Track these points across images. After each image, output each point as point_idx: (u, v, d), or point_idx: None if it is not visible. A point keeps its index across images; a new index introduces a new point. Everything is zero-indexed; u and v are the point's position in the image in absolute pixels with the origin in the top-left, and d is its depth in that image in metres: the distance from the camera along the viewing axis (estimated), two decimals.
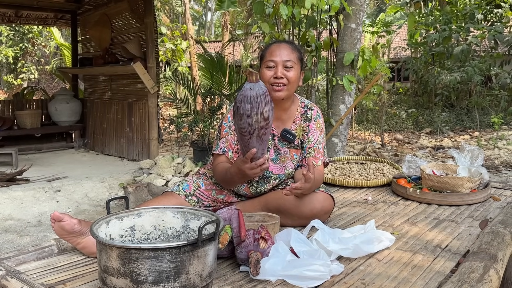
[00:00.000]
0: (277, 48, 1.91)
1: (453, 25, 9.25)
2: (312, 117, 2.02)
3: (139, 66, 5.29)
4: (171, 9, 19.86)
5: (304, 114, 2.02)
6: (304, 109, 2.03)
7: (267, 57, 1.92)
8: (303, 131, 2.01)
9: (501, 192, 2.51)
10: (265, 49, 1.97)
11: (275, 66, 1.89)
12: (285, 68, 1.88)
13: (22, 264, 1.54)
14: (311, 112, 2.02)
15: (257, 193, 2.02)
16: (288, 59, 1.88)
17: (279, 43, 1.97)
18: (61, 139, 7.15)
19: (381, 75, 5.79)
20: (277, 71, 1.87)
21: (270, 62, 1.89)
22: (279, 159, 1.99)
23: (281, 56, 1.88)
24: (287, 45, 1.94)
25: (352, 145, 7.35)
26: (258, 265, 1.39)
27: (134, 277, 1.16)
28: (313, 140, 2.00)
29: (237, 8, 11.60)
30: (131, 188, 4.09)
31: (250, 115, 1.50)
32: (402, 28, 14.30)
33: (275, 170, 1.97)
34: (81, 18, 7.19)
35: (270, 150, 1.98)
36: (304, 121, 2.01)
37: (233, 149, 1.95)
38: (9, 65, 16.33)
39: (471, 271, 1.35)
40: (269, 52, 1.92)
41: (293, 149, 2.00)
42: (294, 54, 1.91)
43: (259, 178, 1.96)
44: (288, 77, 1.88)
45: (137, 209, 1.49)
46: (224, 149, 1.94)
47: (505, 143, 7.16)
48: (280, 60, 1.88)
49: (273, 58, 1.89)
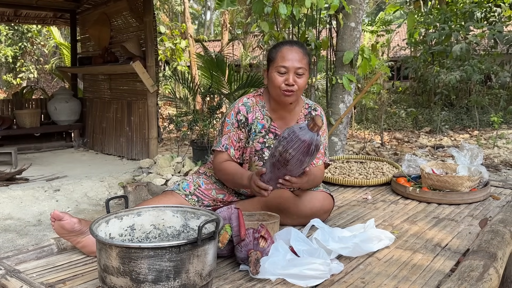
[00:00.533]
0: (289, 52, 1.86)
1: (453, 24, 9.25)
2: None
3: (138, 65, 5.28)
4: (170, 8, 19.85)
5: (308, 115, 2.01)
6: (308, 110, 2.03)
7: (278, 61, 1.87)
8: None
9: (501, 191, 2.51)
10: (276, 51, 1.91)
11: (287, 72, 1.85)
12: (297, 75, 1.86)
13: (22, 263, 1.54)
14: (315, 113, 2.02)
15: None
16: (300, 66, 1.85)
17: (290, 45, 1.89)
18: (61, 138, 7.14)
19: (380, 74, 5.79)
20: (289, 78, 1.84)
21: (282, 68, 1.85)
22: None
23: (293, 62, 1.84)
24: (299, 49, 1.88)
25: (352, 144, 7.35)
26: (258, 264, 1.39)
27: (134, 276, 1.16)
28: None
29: (237, 7, 11.61)
30: (130, 188, 4.09)
31: (289, 153, 1.56)
32: (402, 27, 14.31)
33: None
34: (80, 17, 7.18)
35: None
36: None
37: (235, 147, 1.94)
38: (8, 64, 16.31)
39: (471, 270, 1.35)
40: (281, 55, 1.87)
41: None
42: (305, 59, 1.88)
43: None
44: (298, 84, 1.86)
45: (137, 208, 1.48)
46: (226, 146, 1.93)
47: (504, 142, 7.17)
48: (293, 66, 1.84)
49: (285, 64, 1.85)
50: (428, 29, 10.27)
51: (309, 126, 1.55)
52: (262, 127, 1.95)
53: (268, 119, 1.97)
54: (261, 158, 1.95)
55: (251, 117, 1.95)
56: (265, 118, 1.96)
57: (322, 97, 9.61)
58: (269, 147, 1.95)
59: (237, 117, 1.94)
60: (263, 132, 1.95)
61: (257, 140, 1.95)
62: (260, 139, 1.95)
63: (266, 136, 1.95)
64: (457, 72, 8.61)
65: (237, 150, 1.94)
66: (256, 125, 1.95)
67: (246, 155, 1.97)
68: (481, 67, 8.74)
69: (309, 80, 4.73)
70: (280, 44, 1.93)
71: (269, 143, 1.95)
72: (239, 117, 1.94)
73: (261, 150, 1.95)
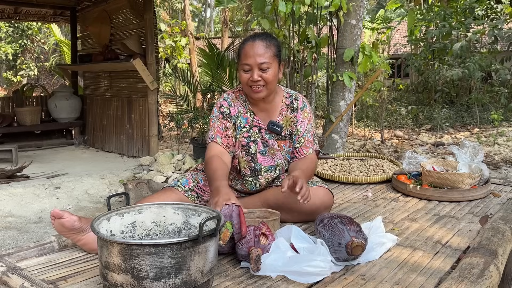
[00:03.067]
0: (250, 48, 1.86)
1: (453, 21, 9.23)
2: (298, 107, 2.03)
3: (138, 63, 5.28)
4: (170, 5, 19.82)
5: (290, 104, 2.03)
6: (290, 100, 2.04)
7: (242, 58, 1.88)
8: (290, 122, 2.02)
9: (501, 188, 2.51)
10: (240, 48, 1.92)
11: (250, 69, 1.86)
12: (261, 70, 1.86)
13: (23, 260, 1.54)
14: (297, 102, 2.04)
15: (253, 188, 2.04)
16: (262, 61, 1.84)
17: (253, 41, 1.88)
18: (61, 136, 7.14)
19: (381, 71, 5.79)
20: (253, 74, 1.85)
21: (246, 65, 1.87)
22: (268, 151, 2.01)
23: (255, 58, 1.84)
24: (261, 42, 1.87)
25: (352, 141, 7.35)
26: (258, 261, 1.39)
27: (135, 273, 1.16)
28: (302, 129, 2.02)
29: (237, 4, 11.58)
30: (131, 185, 4.10)
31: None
32: (402, 24, 14.27)
33: (264, 162, 2.00)
34: (81, 14, 7.17)
35: (258, 143, 1.99)
36: (291, 111, 2.02)
37: (222, 135, 1.97)
38: (8, 62, 16.31)
39: (472, 267, 1.36)
40: (244, 53, 1.88)
41: (281, 141, 2.01)
42: (269, 51, 1.86)
43: (251, 172, 2.00)
44: (265, 78, 1.86)
45: (138, 206, 1.49)
46: (212, 136, 1.97)
47: (505, 140, 7.17)
48: (255, 63, 1.84)
49: (247, 61, 1.86)
50: (429, 26, 10.25)
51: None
52: (246, 122, 1.99)
53: (250, 112, 2.00)
54: (248, 152, 1.98)
55: (233, 110, 1.99)
56: (248, 112, 2.00)
57: (322, 94, 9.60)
58: (255, 141, 1.98)
59: (220, 110, 2.00)
60: (247, 127, 1.99)
61: (242, 135, 1.99)
62: (245, 134, 1.99)
63: (251, 130, 1.99)
64: (458, 69, 8.59)
65: (225, 138, 1.96)
66: (239, 119, 1.99)
67: (237, 150, 2.00)
68: (481, 64, 8.72)
69: (310, 77, 4.73)
70: (244, 40, 1.94)
71: (254, 137, 1.99)
72: (223, 110, 1.99)
73: (247, 144, 1.98)
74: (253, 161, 1.99)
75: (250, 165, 1.99)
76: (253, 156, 1.98)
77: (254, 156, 1.98)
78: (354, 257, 1.48)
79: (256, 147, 1.98)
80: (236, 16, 16.84)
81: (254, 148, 1.99)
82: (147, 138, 5.68)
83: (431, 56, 10.08)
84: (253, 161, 1.99)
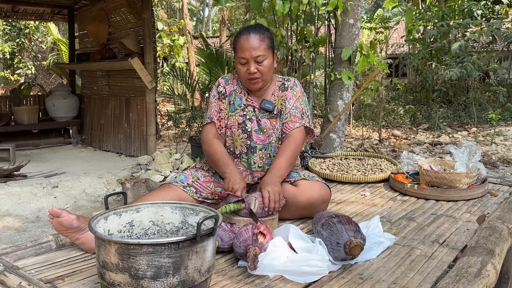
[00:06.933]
0: (245, 42, 1.93)
1: (451, 21, 9.24)
2: (288, 86, 2.10)
3: (136, 62, 5.27)
4: (168, 4, 19.79)
5: (282, 85, 2.11)
6: (281, 82, 2.12)
7: (238, 52, 1.96)
8: (281, 100, 2.08)
9: (499, 188, 2.52)
10: (236, 41, 1.99)
11: (247, 62, 1.94)
12: (257, 62, 1.93)
13: (21, 259, 1.54)
14: (288, 83, 2.11)
15: (249, 165, 2.08)
16: (258, 54, 1.92)
17: (247, 34, 1.94)
18: (59, 135, 7.12)
19: (379, 71, 5.78)
20: (250, 67, 1.94)
21: (242, 59, 1.95)
22: (262, 130, 2.06)
23: (250, 51, 1.91)
24: (255, 35, 1.93)
25: (350, 141, 7.35)
26: (256, 259, 1.39)
27: (133, 273, 1.16)
28: (289, 106, 2.07)
29: (235, 3, 11.56)
30: (129, 184, 4.09)
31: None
32: (400, 24, 14.28)
33: (259, 141, 2.06)
34: (78, 13, 7.15)
35: (253, 121, 2.06)
36: (282, 91, 2.09)
37: (216, 117, 2.07)
38: (5, 60, 16.26)
39: (469, 266, 1.36)
40: (239, 46, 1.95)
41: (273, 119, 2.08)
42: (263, 44, 1.94)
43: (247, 149, 2.06)
44: (261, 70, 1.95)
45: (136, 205, 1.48)
46: (211, 116, 2.08)
47: (502, 139, 7.18)
48: (251, 56, 1.92)
49: (243, 55, 1.93)
50: (427, 26, 10.25)
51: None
52: (240, 101, 2.07)
53: (245, 92, 2.08)
54: (244, 130, 2.05)
55: (229, 88, 2.09)
56: (243, 92, 2.09)
57: (320, 93, 9.61)
58: (251, 119, 2.05)
59: (217, 89, 2.10)
60: (242, 106, 2.07)
61: (238, 114, 2.06)
62: (240, 112, 2.06)
63: (246, 109, 2.07)
64: (456, 68, 8.60)
65: (217, 120, 2.07)
66: (234, 97, 2.08)
67: (228, 133, 2.08)
68: (479, 64, 8.73)
69: (308, 76, 4.73)
70: (238, 34, 2.01)
71: (249, 116, 2.06)
72: (219, 89, 2.09)
73: (243, 122, 2.06)
74: (249, 139, 2.05)
75: (246, 142, 2.06)
76: (249, 133, 2.05)
77: (250, 133, 2.05)
78: (352, 257, 1.49)
79: (252, 125, 2.05)
80: (234, 15, 16.82)
81: (250, 126, 2.05)
82: (145, 137, 5.67)
83: (429, 55, 10.09)
84: (249, 138, 2.05)
